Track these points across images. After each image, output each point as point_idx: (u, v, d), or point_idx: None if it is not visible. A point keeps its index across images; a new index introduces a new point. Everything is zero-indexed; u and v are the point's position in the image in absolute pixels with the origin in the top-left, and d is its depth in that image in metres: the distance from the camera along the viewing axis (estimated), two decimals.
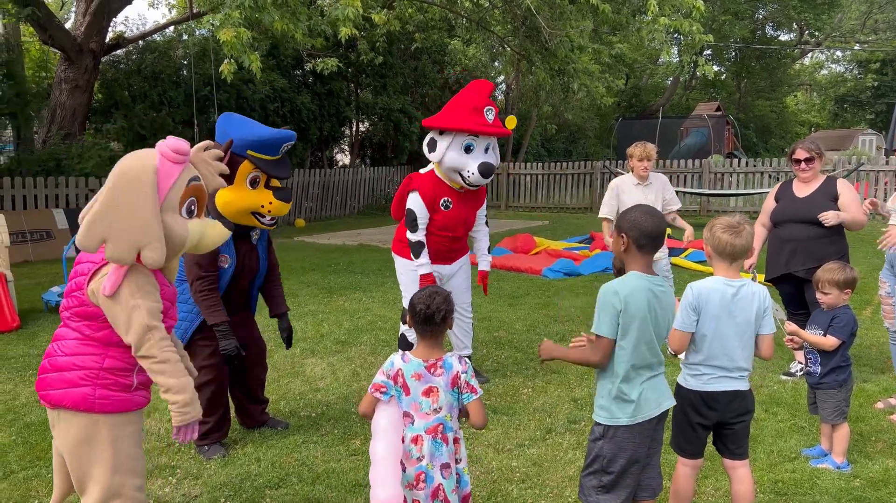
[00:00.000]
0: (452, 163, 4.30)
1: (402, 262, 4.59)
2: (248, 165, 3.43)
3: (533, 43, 11.87)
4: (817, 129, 40.97)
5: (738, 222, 2.68)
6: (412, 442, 2.45)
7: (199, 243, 2.50)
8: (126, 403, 2.43)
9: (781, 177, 15.07)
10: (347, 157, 19.18)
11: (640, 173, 5.17)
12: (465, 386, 2.47)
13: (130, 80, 13.21)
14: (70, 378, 2.37)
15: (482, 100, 4.32)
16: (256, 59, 6.39)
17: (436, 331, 2.50)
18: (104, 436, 2.38)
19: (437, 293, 2.52)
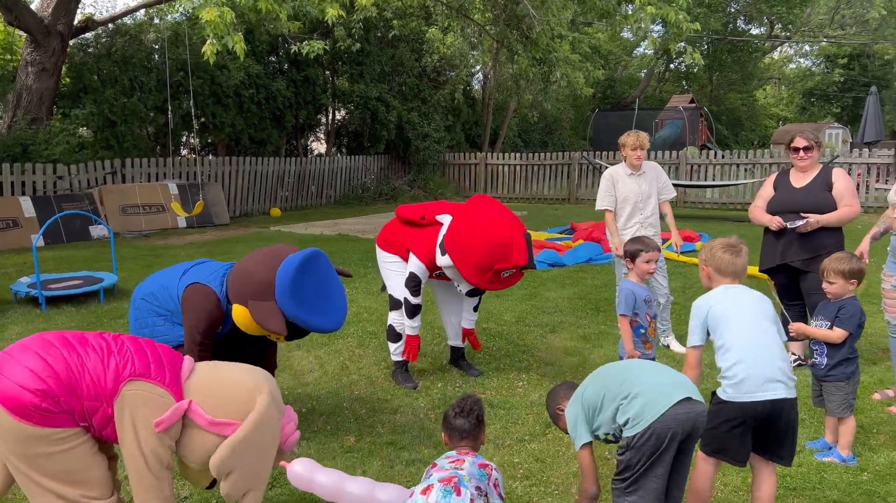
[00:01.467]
0: (450, 275, 4.11)
1: (384, 257, 4.42)
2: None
3: (514, 31, 11.75)
4: (785, 123, 41.56)
5: (735, 242, 2.78)
6: (421, 493, 2.26)
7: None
8: (71, 422, 2.24)
9: (756, 168, 15.20)
10: (323, 146, 18.90)
11: (633, 162, 5.09)
12: (494, 484, 2.37)
13: (100, 64, 12.81)
14: (29, 378, 2.17)
15: (506, 266, 3.82)
16: (240, 41, 6.16)
17: (471, 436, 2.55)
18: (45, 451, 2.20)
19: (467, 397, 2.61)
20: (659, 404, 2.36)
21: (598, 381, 2.59)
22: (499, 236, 3.82)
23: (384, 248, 4.45)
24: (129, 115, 12.74)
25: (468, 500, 2.22)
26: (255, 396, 2.35)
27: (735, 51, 32.34)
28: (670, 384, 2.42)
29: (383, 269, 4.49)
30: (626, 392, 2.43)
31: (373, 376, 4.58)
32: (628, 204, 5.12)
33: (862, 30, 33.89)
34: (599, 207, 5.19)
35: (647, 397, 2.37)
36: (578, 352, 5.05)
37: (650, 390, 2.40)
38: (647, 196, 5.13)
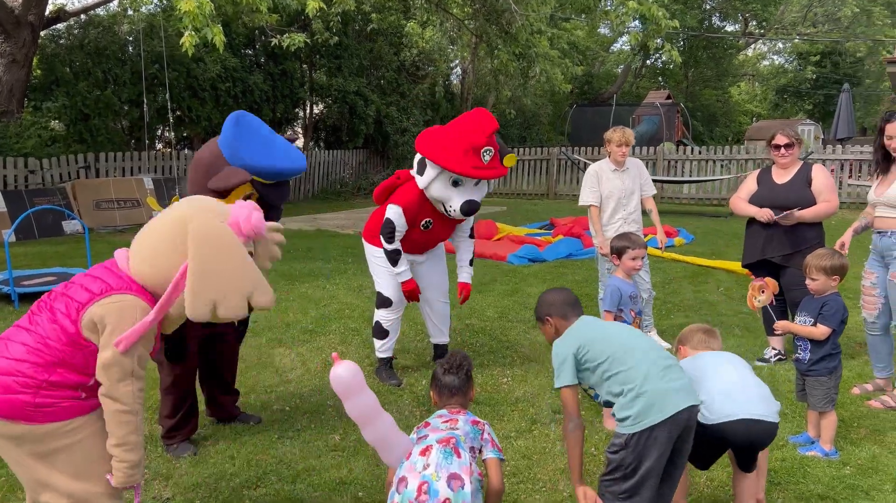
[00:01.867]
0: (437, 194, 4.07)
1: (372, 250, 4.39)
2: (247, 186, 3.24)
3: (493, 25, 11.73)
4: (759, 119, 42.08)
5: (711, 328, 2.98)
6: (420, 454, 2.26)
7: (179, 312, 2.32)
8: (75, 410, 2.19)
9: (732, 164, 15.37)
10: (301, 140, 18.73)
11: (617, 158, 5.09)
12: (488, 438, 2.38)
13: (72, 56, 12.55)
14: (7, 383, 2.11)
15: (482, 139, 3.97)
16: (220, 32, 6.06)
17: (461, 392, 2.55)
18: (55, 445, 2.16)
19: (455, 353, 2.64)
20: (665, 409, 2.34)
21: (604, 347, 2.51)
22: (464, 118, 4.16)
23: (370, 240, 4.41)
24: (102, 109, 12.51)
25: (468, 462, 2.24)
26: (187, 228, 2.25)
27: (710, 47, 32.66)
28: (676, 389, 2.40)
29: (371, 265, 4.45)
30: (630, 383, 2.39)
31: None
32: (612, 200, 5.12)
33: (834, 27, 34.39)
34: (584, 203, 5.19)
35: (652, 400, 2.35)
36: None
37: (656, 394, 2.36)
38: (631, 192, 5.14)
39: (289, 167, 3.31)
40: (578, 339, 2.58)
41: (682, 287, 7.00)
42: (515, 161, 4.20)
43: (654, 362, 2.44)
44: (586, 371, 2.55)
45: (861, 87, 37.22)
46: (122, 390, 2.16)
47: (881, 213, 3.99)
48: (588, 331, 2.63)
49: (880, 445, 3.46)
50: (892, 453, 3.37)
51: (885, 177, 4.00)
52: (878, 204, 4.00)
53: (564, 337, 2.65)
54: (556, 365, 2.60)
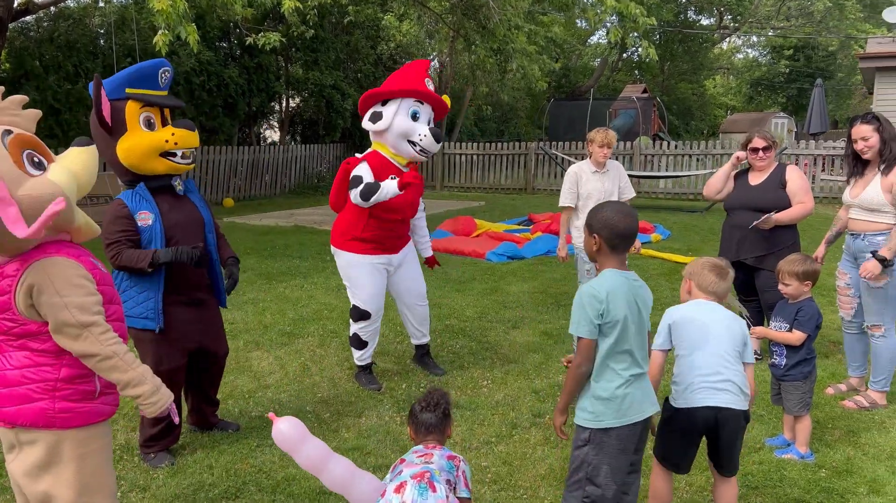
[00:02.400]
0: (402, 127, 4.10)
1: (345, 257, 4.28)
2: (133, 105, 3.17)
3: (470, 21, 11.69)
4: (734, 112, 42.52)
5: (725, 265, 2.75)
6: (395, 491, 2.23)
7: (81, 180, 2.14)
8: (91, 415, 2.20)
9: (708, 159, 15.50)
10: (277, 134, 18.56)
11: (598, 159, 5.10)
12: (461, 476, 2.36)
13: (42, 50, 12.29)
14: (23, 393, 2.12)
15: (421, 72, 4.27)
16: (194, 32, 5.95)
17: (438, 429, 2.50)
18: (68, 454, 2.16)
19: (433, 391, 2.57)
20: (630, 415, 2.39)
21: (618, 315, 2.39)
22: (401, 68, 4.39)
23: (342, 245, 4.27)
24: (74, 103, 12.27)
25: (444, 496, 2.21)
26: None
27: (686, 41, 32.92)
28: (647, 401, 2.45)
29: (345, 276, 4.34)
30: (624, 363, 2.43)
31: (335, 378, 4.52)
32: (591, 200, 5.13)
33: (807, 21, 34.80)
34: (561, 204, 5.20)
35: (630, 399, 2.40)
36: (541, 349, 5.06)
37: (634, 393, 2.40)
38: (610, 194, 5.16)
39: (147, 63, 3.25)
40: (602, 294, 2.35)
41: (660, 284, 7.04)
42: (450, 101, 4.48)
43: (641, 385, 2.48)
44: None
45: (833, 81, 37.71)
46: (86, 344, 2.09)
47: (855, 215, 4.05)
48: (615, 296, 2.37)
49: (854, 447, 3.51)
50: (866, 455, 3.42)
51: (860, 179, 4.05)
52: (853, 206, 4.05)
53: (600, 282, 2.40)
54: (574, 313, 2.40)
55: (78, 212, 2.15)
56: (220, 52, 14.98)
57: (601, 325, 2.36)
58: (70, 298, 2.05)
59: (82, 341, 2.08)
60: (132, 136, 3.17)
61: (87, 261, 2.17)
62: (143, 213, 3.23)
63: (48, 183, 2.01)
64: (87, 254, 2.20)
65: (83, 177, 2.14)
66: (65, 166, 2.11)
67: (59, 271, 2.05)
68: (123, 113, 3.16)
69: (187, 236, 3.33)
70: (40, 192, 1.98)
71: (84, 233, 2.21)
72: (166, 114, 3.33)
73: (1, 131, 2.03)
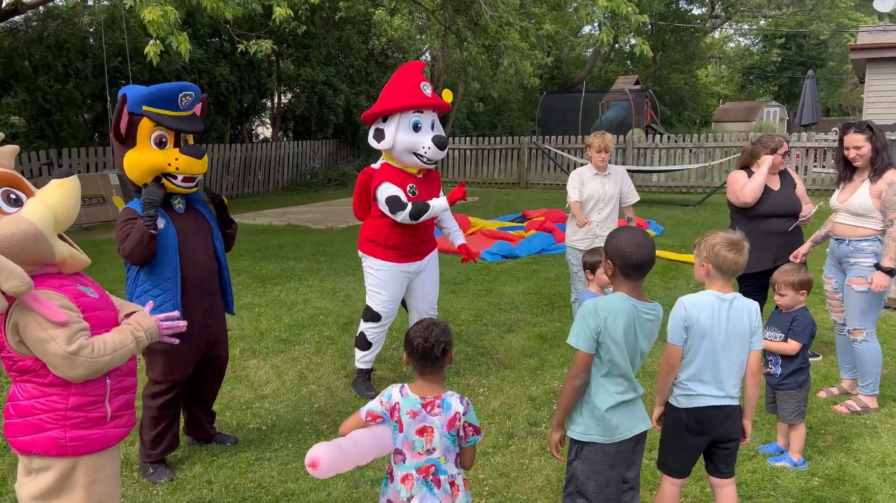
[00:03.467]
0: (405, 143, 4.15)
1: (369, 262, 4.38)
2: (147, 123, 3.22)
3: (462, 17, 11.66)
4: (726, 101, 42.58)
5: (738, 238, 2.64)
6: (402, 481, 2.30)
7: (59, 213, 2.14)
8: (104, 440, 2.24)
9: (700, 151, 15.55)
10: (269, 131, 18.50)
11: (597, 164, 5.16)
12: (465, 428, 2.32)
13: (31, 50, 12.20)
14: (35, 422, 2.15)
15: (416, 77, 4.27)
16: (185, 41, 5.93)
17: (435, 367, 2.32)
18: (80, 481, 2.20)
19: (434, 324, 2.33)
20: (618, 433, 2.43)
21: (618, 352, 2.40)
22: (396, 74, 4.34)
23: (367, 251, 4.39)
24: (64, 103, 12.20)
25: (449, 490, 2.29)
26: None
27: (678, 31, 32.87)
28: (636, 419, 2.48)
29: (367, 276, 4.44)
30: (621, 387, 2.45)
31: (332, 386, 4.54)
32: (590, 202, 5.20)
33: (798, 10, 34.82)
34: (570, 199, 5.26)
35: (616, 421, 2.42)
36: (537, 353, 5.09)
37: (622, 416, 2.43)
38: (610, 198, 5.21)
39: (170, 84, 3.30)
40: (601, 316, 2.37)
41: (653, 283, 7.08)
42: (452, 96, 4.46)
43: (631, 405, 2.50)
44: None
45: (825, 69, 37.80)
46: (83, 369, 2.10)
47: (841, 219, 4.09)
48: (615, 318, 2.38)
49: (847, 453, 3.56)
50: (858, 462, 3.47)
51: (849, 184, 4.08)
52: (840, 210, 4.09)
53: (605, 301, 2.43)
54: (575, 324, 2.43)
55: (60, 244, 2.15)
56: (210, 50, 14.89)
57: (598, 342, 2.38)
58: (52, 331, 2.05)
59: (78, 367, 2.10)
60: (139, 151, 3.24)
61: (71, 290, 2.17)
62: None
63: (21, 220, 2.03)
64: (72, 283, 2.20)
65: (61, 209, 2.15)
66: (42, 200, 2.12)
67: (38, 305, 2.06)
68: (136, 127, 3.21)
69: (196, 242, 3.42)
70: (12, 230, 2.00)
71: (70, 265, 2.21)
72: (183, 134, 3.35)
73: None
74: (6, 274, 1.94)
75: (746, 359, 2.65)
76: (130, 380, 2.34)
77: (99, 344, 2.13)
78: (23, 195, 2.11)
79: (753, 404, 2.73)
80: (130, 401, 2.35)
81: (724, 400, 2.61)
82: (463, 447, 2.35)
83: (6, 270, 1.94)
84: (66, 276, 2.21)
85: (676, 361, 2.62)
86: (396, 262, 4.32)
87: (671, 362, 2.63)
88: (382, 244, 4.28)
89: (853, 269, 3.98)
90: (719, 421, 2.62)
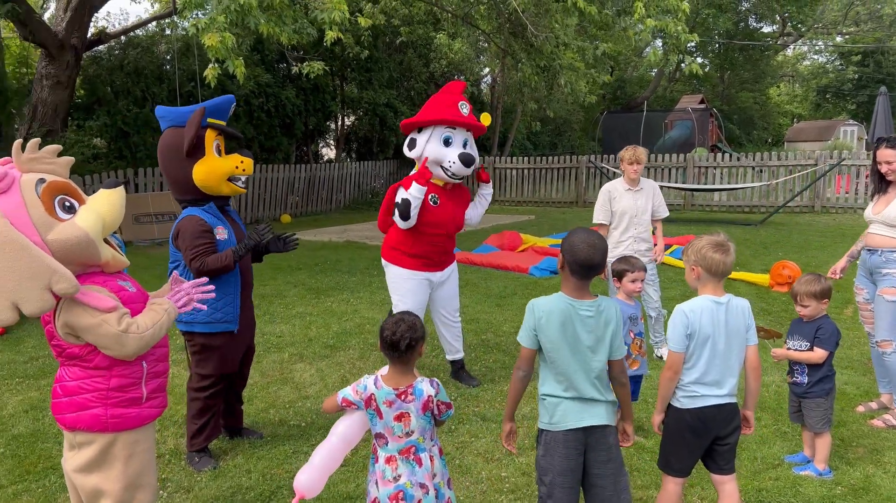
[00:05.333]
0: (433, 155, 4.37)
1: (393, 270, 4.61)
2: (211, 134, 3.53)
3: (518, 40, 11.88)
4: (799, 120, 41.36)
5: (723, 240, 2.69)
6: (386, 462, 2.50)
7: (107, 220, 2.39)
8: (139, 418, 2.48)
9: (764, 171, 15.22)
10: (333, 152, 19.11)
11: (630, 176, 5.20)
12: (438, 406, 2.51)
13: (113, 76, 13.08)
14: (80, 401, 2.41)
15: (455, 96, 4.47)
16: (241, 65, 6.37)
17: (403, 359, 2.51)
18: (118, 454, 2.45)
19: (402, 320, 2.53)
20: (563, 422, 2.50)
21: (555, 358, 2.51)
22: (438, 93, 4.58)
23: (389, 258, 4.63)
24: (141, 126, 12.99)
25: (429, 468, 2.49)
26: None
27: (746, 49, 32.22)
28: (588, 415, 2.53)
29: (391, 285, 4.66)
30: (562, 385, 2.52)
31: None
32: (625, 218, 5.22)
33: (876, 26, 33.67)
34: (595, 221, 5.32)
35: (570, 409, 2.50)
36: None
37: (569, 408, 2.51)
38: (644, 211, 5.25)
39: (223, 98, 3.66)
40: (541, 316, 2.49)
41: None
42: (490, 120, 4.60)
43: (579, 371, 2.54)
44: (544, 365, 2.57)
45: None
46: (133, 344, 2.34)
47: (874, 230, 4.05)
48: (549, 317, 2.49)
49: (876, 465, 3.51)
50: (887, 473, 3.42)
51: (883, 196, 4.05)
52: (874, 221, 4.06)
53: (541, 301, 2.53)
54: (525, 322, 2.54)
55: (105, 247, 2.41)
56: (278, 74, 15.58)
57: (539, 339, 2.50)
58: (103, 316, 2.30)
59: (129, 344, 2.34)
60: (209, 160, 3.53)
61: (112, 285, 2.43)
62: (220, 229, 3.60)
63: (74, 227, 2.29)
64: (113, 279, 2.46)
65: (109, 217, 2.40)
66: (92, 208, 2.37)
67: (87, 298, 2.31)
68: (202, 139, 3.51)
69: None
70: (67, 236, 2.27)
71: (112, 265, 2.47)
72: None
73: (36, 180, 2.29)
74: (58, 276, 2.20)
75: (744, 356, 2.70)
76: (163, 365, 2.60)
77: (141, 321, 2.38)
78: (76, 202, 2.37)
79: (755, 396, 2.78)
80: (163, 386, 2.59)
81: (725, 398, 2.68)
82: (438, 421, 2.57)
83: (58, 273, 2.21)
84: (107, 275, 2.47)
85: (679, 368, 2.69)
86: (420, 271, 4.53)
87: (674, 369, 2.69)
88: (407, 252, 4.48)
89: (885, 280, 3.94)
90: (721, 419, 2.68)
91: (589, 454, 2.52)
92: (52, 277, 2.19)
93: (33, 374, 5.15)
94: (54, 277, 2.19)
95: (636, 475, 3.48)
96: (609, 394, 2.55)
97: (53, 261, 2.21)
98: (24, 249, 2.17)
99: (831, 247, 9.58)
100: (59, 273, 2.20)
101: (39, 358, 5.52)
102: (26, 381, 5.02)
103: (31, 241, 2.20)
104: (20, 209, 2.23)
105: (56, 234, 2.25)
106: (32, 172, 2.32)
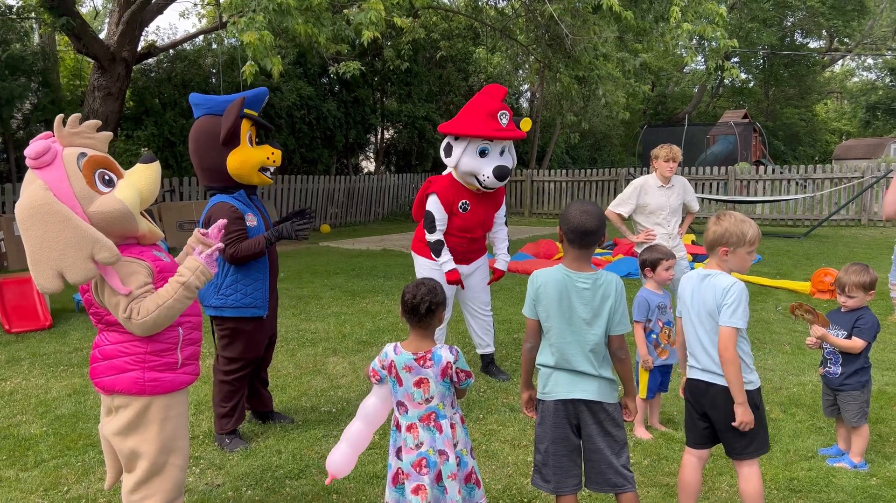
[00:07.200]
0: (467, 167, 4.38)
1: (421, 261, 4.67)
2: (246, 124, 3.63)
3: (556, 51, 11.93)
4: (848, 138, 40.41)
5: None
6: (407, 430, 2.52)
7: (144, 194, 2.47)
8: (174, 383, 2.56)
9: (808, 184, 14.92)
10: (373, 164, 19.35)
11: (664, 174, 5.19)
12: (458, 373, 2.53)
13: (161, 88, 13.51)
14: (119, 364, 2.49)
15: (495, 104, 4.38)
16: (278, 63, 6.53)
17: (423, 323, 2.55)
18: (154, 417, 2.52)
19: (423, 284, 2.57)
20: (553, 393, 2.54)
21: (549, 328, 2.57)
22: (477, 94, 4.55)
23: (417, 251, 4.71)
24: (187, 136, 13.34)
25: (450, 435, 2.51)
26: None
27: (792, 64, 31.70)
28: (578, 389, 2.53)
29: (418, 275, 4.71)
30: (554, 356, 2.55)
31: None
32: (657, 215, 5.21)
33: None
34: (613, 209, 5.28)
35: (560, 380, 2.53)
36: None
37: (559, 378, 2.54)
38: (675, 209, 5.23)
39: (259, 90, 3.82)
40: (539, 285, 2.55)
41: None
42: (531, 125, 4.57)
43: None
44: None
45: None
46: (135, 330, 2.42)
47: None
48: (546, 286, 2.54)
49: None
50: None
51: None
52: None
53: (541, 271, 2.58)
54: (527, 298, 2.61)
55: (142, 220, 2.51)
56: (320, 88, 15.89)
57: (536, 309, 2.56)
58: (117, 298, 2.40)
59: (133, 328, 2.41)
60: (243, 150, 3.63)
61: (148, 255, 2.53)
62: (250, 216, 3.70)
63: (114, 200, 2.38)
64: (149, 250, 2.56)
65: (146, 191, 2.51)
66: (131, 183, 2.47)
67: (118, 270, 2.41)
68: (239, 129, 3.62)
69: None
70: (107, 209, 2.36)
71: (148, 237, 2.57)
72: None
73: (77, 154, 2.39)
74: (100, 246, 2.30)
75: (717, 336, 2.62)
76: (197, 333, 2.67)
77: (146, 304, 2.41)
78: (114, 176, 2.46)
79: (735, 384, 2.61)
80: (196, 354, 2.67)
81: (698, 373, 2.71)
82: (458, 389, 2.58)
83: (100, 243, 2.30)
84: (143, 246, 2.57)
85: (681, 334, 2.81)
86: None
87: (678, 336, 2.85)
88: None
89: None
90: (699, 394, 2.70)
91: (583, 429, 2.54)
92: (95, 247, 2.27)
93: (77, 363, 5.32)
94: (96, 247, 2.27)
95: (664, 463, 3.45)
96: (606, 369, 2.54)
97: (95, 231, 2.29)
98: (67, 220, 2.25)
99: (877, 258, 9.33)
100: (101, 242, 2.29)
101: (83, 349, 5.71)
102: (70, 369, 5.19)
103: (74, 213, 2.29)
104: (63, 182, 2.32)
105: (97, 206, 2.35)
106: (73, 146, 2.41)
